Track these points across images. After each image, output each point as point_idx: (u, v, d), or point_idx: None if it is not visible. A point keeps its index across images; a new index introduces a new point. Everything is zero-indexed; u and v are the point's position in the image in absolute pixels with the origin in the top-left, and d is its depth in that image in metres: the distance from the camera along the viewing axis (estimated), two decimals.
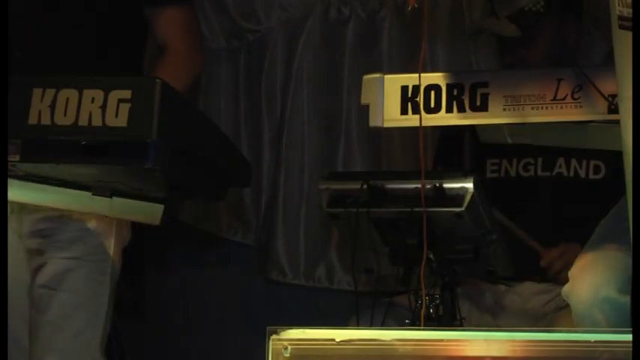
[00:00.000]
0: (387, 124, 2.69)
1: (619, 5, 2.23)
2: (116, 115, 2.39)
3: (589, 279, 2.77)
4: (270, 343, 2.23)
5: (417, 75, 2.63)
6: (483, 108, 2.61)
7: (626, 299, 2.53)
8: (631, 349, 2.14)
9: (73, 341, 3.13)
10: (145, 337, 3.71)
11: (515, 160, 3.62)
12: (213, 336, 4.03)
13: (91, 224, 3.12)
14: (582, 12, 3.57)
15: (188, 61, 3.36)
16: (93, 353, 3.14)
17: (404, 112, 2.65)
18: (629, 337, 2.16)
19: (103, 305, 3.17)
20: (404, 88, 2.64)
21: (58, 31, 3.22)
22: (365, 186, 2.81)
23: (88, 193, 2.68)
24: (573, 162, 3.56)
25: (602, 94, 2.48)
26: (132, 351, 3.52)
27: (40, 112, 2.48)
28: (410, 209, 2.73)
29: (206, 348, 4.03)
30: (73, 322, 3.15)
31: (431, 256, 2.77)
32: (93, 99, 2.42)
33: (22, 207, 3.03)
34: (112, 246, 3.18)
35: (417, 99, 2.62)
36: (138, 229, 3.26)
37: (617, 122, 2.35)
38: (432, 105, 2.63)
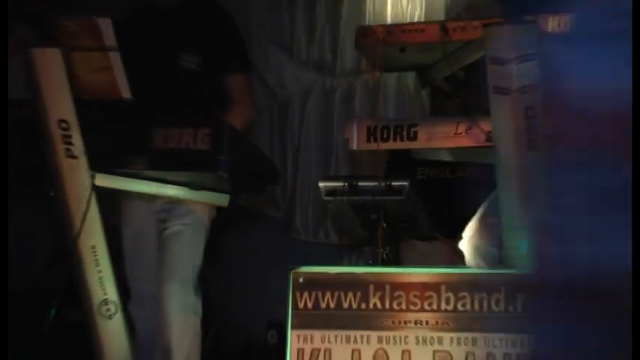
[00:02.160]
0: (358, 148, 3.25)
1: (493, 79, 2.83)
2: (202, 143, 3.03)
3: (474, 238, 3.31)
4: (291, 275, 2.87)
5: (377, 120, 3.25)
6: (414, 138, 3.15)
7: (496, 250, 3.11)
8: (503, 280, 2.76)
9: (182, 270, 3.58)
10: (212, 275, 3.97)
11: (433, 169, 3.96)
12: (256, 274, 4.48)
13: (193, 205, 3.57)
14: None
15: (246, 112, 3.76)
16: (193, 277, 3.59)
17: (368, 141, 3.20)
18: (504, 271, 2.88)
19: (199, 252, 3.63)
20: (368, 127, 3.21)
21: (169, 86, 3.60)
22: (346, 184, 3.47)
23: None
24: (463, 168, 3.88)
25: (483, 131, 3.07)
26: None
27: (157, 136, 3.10)
28: (372, 197, 3.39)
29: (251, 282, 4.49)
30: (183, 259, 3.62)
31: (384, 224, 3.39)
32: (189, 132, 3.07)
33: (153, 195, 3.49)
34: (205, 218, 3.64)
35: (376, 133, 3.19)
36: (217, 209, 3.63)
37: (491, 147, 2.95)
38: (385, 137, 3.17)
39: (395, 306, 2.81)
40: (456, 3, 4.14)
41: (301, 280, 2.87)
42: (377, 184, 3.40)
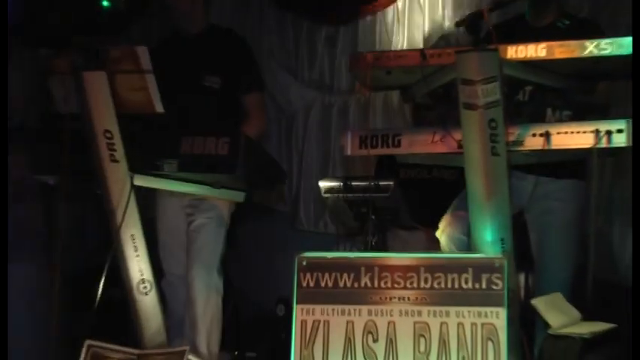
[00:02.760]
0: (352, 154, 3.12)
1: (462, 97, 2.82)
2: (223, 149, 3.07)
3: (448, 228, 3.33)
4: (296, 259, 2.86)
5: (367, 130, 3.22)
6: (398, 145, 3.06)
7: (465, 238, 3.16)
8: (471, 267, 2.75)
9: (206, 256, 3.61)
10: (231, 259, 3.87)
11: (414, 170, 4.04)
12: (267, 258, 4.44)
13: (215, 202, 3.61)
14: None
15: (259, 123, 3.77)
16: (216, 261, 3.62)
17: (360, 148, 3.09)
18: (471, 255, 2.87)
19: (221, 240, 3.65)
20: (360, 136, 3.11)
21: (194, 102, 3.61)
22: (341, 183, 3.52)
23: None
24: (438, 170, 3.96)
25: (454, 139, 2.96)
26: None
27: (185, 143, 3.12)
28: (363, 194, 3.43)
29: (263, 265, 4.45)
30: (207, 247, 3.62)
31: (373, 217, 3.46)
32: (212, 140, 3.08)
33: (182, 193, 3.48)
34: (225, 212, 3.67)
35: (366, 141, 3.10)
36: (235, 204, 3.64)
37: (461, 153, 2.89)
38: (374, 144, 3.08)
39: (382, 285, 2.81)
40: (433, 34, 4.14)
41: (304, 263, 2.87)
42: (367, 183, 3.44)
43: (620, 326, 2.93)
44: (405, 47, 4.31)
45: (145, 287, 3.29)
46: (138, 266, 3.27)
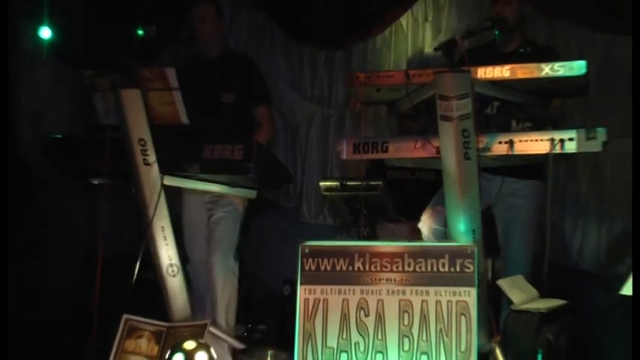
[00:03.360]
0: (347, 158, 3.11)
1: (440, 110, 2.80)
2: (237, 154, 3.05)
3: (428, 221, 3.32)
4: (300, 248, 2.86)
5: (360, 138, 3.15)
6: (386, 151, 3.04)
7: (443, 229, 3.13)
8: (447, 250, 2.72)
9: (224, 244, 3.59)
10: (245, 247, 3.84)
11: (399, 172, 4.00)
12: (276, 246, 4.38)
13: (231, 198, 3.60)
14: None
15: (268, 132, 3.78)
16: (232, 249, 3.60)
17: (354, 153, 3.08)
18: (448, 243, 2.85)
19: (236, 231, 3.63)
20: (354, 143, 3.09)
21: (213, 115, 3.60)
22: (338, 183, 3.53)
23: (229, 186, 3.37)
24: (419, 172, 3.96)
25: (433, 146, 2.95)
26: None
27: (206, 149, 3.09)
28: (356, 192, 3.45)
29: (272, 251, 4.40)
30: (225, 236, 3.60)
31: (365, 211, 3.45)
32: (229, 147, 3.07)
33: (204, 191, 3.47)
34: (240, 207, 3.65)
35: (359, 148, 3.08)
36: (248, 200, 3.61)
37: (439, 157, 2.87)
38: (365, 150, 3.06)
39: (372, 268, 2.81)
40: (414, 58, 4.14)
41: (307, 250, 2.87)
42: (360, 183, 3.45)
43: (571, 302, 2.94)
44: (391, 68, 4.33)
45: (173, 270, 3.29)
46: (167, 253, 3.27)
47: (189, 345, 2.84)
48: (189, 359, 2.81)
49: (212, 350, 2.90)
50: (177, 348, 2.86)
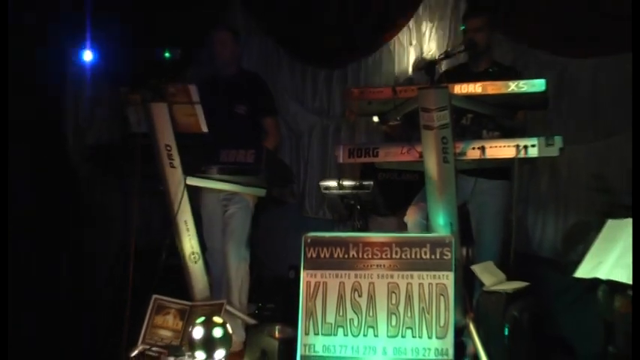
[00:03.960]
0: (343, 162, 3.08)
1: (422, 120, 2.80)
2: (249, 158, 3.06)
3: (412, 215, 3.27)
4: (303, 238, 2.84)
5: (354, 145, 3.09)
6: (377, 156, 3.02)
7: (425, 222, 3.05)
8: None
9: (237, 235, 3.54)
10: (255, 237, 3.76)
11: (388, 173, 3.93)
12: (282, 236, 4.25)
13: (244, 196, 3.53)
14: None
15: (275, 139, 3.74)
16: (244, 239, 3.55)
17: (349, 157, 3.05)
18: (429, 235, 2.83)
19: (248, 224, 3.58)
20: (349, 149, 3.06)
21: (229, 124, 3.56)
22: (335, 183, 3.44)
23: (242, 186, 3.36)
24: (405, 173, 3.86)
25: (417, 151, 2.91)
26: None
27: (223, 154, 3.11)
28: (351, 191, 3.39)
29: (279, 241, 4.29)
30: (238, 228, 3.55)
31: (358, 207, 3.41)
32: (242, 152, 3.04)
33: (220, 190, 3.45)
34: (251, 203, 3.59)
35: (354, 152, 3.05)
36: (258, 198, 3.57)
37: (422, 161, 2.86)
38: (359, 155, 3.04)
39: (365, 256, 2.79)
40: (400, 77, 4.10)
41: (309, 240, 2.84)
42: (354, 183, 3.38)
43: (532, 284, 2.92)
44: (381, 85, 4.26)
45: (194, 257, 3.27)
46: (189, 242, 3.26)
47: (209, 321, 2.84)
48: (208, 333, 2.80)
49: (228, 325, 2.91)
50: (198, 323, 2.85)
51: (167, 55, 3.91)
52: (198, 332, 2.80)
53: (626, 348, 2.45)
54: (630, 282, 2.37)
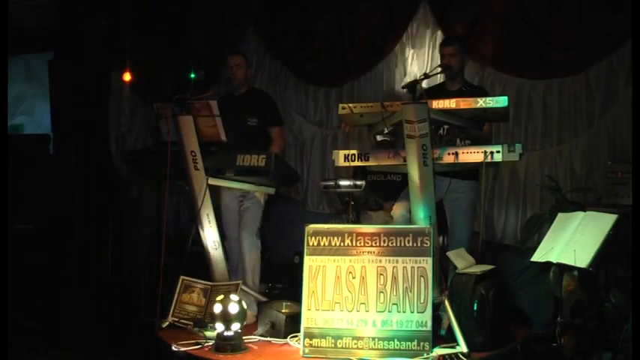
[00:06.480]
0: (339, 165, 3.08)
1: (405, 130, 2.79)
2: (260, 162, 3.03)
3: (397, 210, 3.22)
4: (306, 229, 2.79)
5: (349, 150, 3.10)
6: (368, 160, 3.02)
7: (408, 215, 2.98)
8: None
9: (251, 226, 3.41)
10: (266, 228, 3.70)
11: (377, 174, 3.83)
12: (288, 227, 4.16)
13: (256, 193, 3.46)
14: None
15: (281, 146, 3.64)
16: (256, 229, 3.41)
17: (345, 161, 3.05)
18: (411, 226, 2.79)
19: (260, 216, 3.42)
20: (345, 155, 3.06)
21: (243, 134, 3.46)
22: (333, 182, 3.35)
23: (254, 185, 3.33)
24: (391, 174, 3.79)
25: (402, 156, 2.90)
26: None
27: (238, 158, 3.06)
28: (346, 189, 3.32)
29: (286, 231, 4.15)
30: (252, 221, 3.39)
31: (352, 203, 3.35)
32: (255, 157, 3.06)
33: (236, 188, 3.38)
34: (262, 200, 3.49)
35: (349, 157, 3.05)
36: (268, 195, 3.50)
37: (405, 164, 2.85)
38: (353, 159, 3.04)
39: (358, 244, 2.75)
40: (388, 95, 4.01)
41: (311, 231, 2.81)
42: (349, 182, 3.33)
43: (497, 267, 2.91)
44: (371, 100, 4.18)
45: (215, 245, 3.24)
46: (211, 232, 3.23)
47: (227, 298, 2.82)
48: (225, 308, 2.78)
49: (243, 302, 2.88)
50: (218, 300, 2.82)
51: (192, 76, 4.08)
52: (218, 307, 2.77)
53: (571, 318, 2.51)
54: (575, 264, 2.42)
